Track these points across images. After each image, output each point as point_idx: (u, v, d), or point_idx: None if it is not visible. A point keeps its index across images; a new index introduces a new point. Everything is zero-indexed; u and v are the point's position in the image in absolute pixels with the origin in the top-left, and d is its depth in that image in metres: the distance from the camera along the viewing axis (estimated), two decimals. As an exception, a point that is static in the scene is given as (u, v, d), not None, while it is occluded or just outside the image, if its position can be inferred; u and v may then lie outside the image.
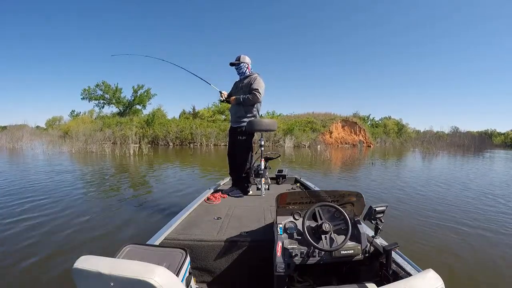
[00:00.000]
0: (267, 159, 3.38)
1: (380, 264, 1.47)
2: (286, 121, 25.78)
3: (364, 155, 16.03)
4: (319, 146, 21.76)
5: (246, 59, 3.08)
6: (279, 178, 3.75)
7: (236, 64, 3.06)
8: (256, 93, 2.91)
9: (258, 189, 3.14)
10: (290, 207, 1.66)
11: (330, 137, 25.10)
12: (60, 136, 22.98)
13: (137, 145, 19.50)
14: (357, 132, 26.35)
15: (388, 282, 1.11)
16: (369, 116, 34.00)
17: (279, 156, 3.77)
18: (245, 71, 3.08)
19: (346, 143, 25.37)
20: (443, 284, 0.95)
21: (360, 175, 8.68)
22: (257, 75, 3.06)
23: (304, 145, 21.78)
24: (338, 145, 24.36)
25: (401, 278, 1.32)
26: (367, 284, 1.22)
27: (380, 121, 34.00)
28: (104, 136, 20.70)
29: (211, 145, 22.31)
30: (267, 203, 2.59)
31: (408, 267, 1.37)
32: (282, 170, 3.86)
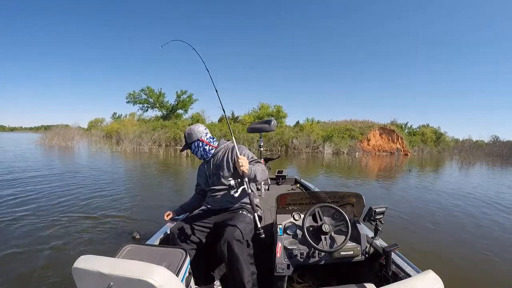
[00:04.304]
0: (266, 160, 3.38)
1: (380, 265, 1.46)
2: (325, 128, 25.71)
3: (401, 163, 15.76)
4: (357, 154, 21.83)
5: (197, 131, 1.84)
6: (279, 179, 3.74)
7: (191, 147, 1.88)
8: (261, 163, 1.80)
9: (258, 189, 3.14)
10: (290, 207, 1.65)
11: (368, 144, 24.80)
12: (103, 137, 24.20)
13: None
14: (395, 140, 25.89)
15: (388, 283, 1.11)
16: (406, 124, 32.77)
17: (279, 157, 3.75)
18: (207, 149, 1.86)
19: (383, 151, 24.97)
20: (443, 285, 0.95)
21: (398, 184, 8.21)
22: (231, 143, 1.86)
23: (343, 152, 21.86)
24: (375, 153, 24.08)
25: (401, 279, 1.32)
26: (366, 285, 1.21)
27: (417, 129, 32.61)
28: (152, 138, 21.39)
29: (253, 149, 22.48)
30: (267, 204, 2.58)
31: (407, 268, 1.37)
32: (282, 170, 3.86)
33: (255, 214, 1.53)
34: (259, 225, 1.46)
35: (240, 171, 1.56)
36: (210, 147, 1.88)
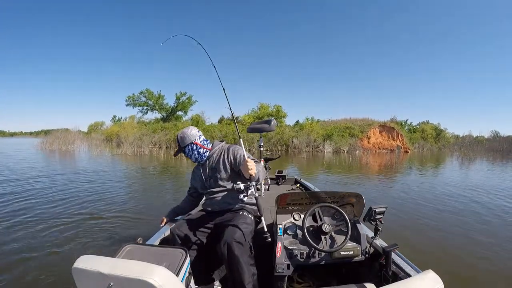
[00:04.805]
0: (267, 160, 3.38)
1: (380, 265, 1.46)
2: (325, 127, 25.76)
3: (401, 160, 15.83)
4: (357, 152, 21.87)
5: (190, 134, 1.81)
6: (279, 179, 3.74)
7: (184, 151, 1.85)
8: (258, 162, 1.73)
9: (258, 189, 3.13)
10: (290, 207, 1.66)
11: (368, 142, 24.83)
12: (104, 140, 24.39)
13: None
14: (395, 137, 25.88)
15: (388, 283, 1.11)
16: (406, 121, 32.75)
17: (279, 157, 3.75)
18: (201, 151, 1.83)
19: (384, 149, 24.98)
20: (443, 285, 0.94)
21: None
22: (227, 144, 1.93)
23: (343, 150, 21.93)
24: (376, 151, 24.13)
25: (401, 279, 1.32)
26: (366, 285, 1.22)
27: (417, 126, 32.67)
28: (152, 140, 21.47)
29: (253, 149, 22.54)
30: (267, 204, 2.58)
31: (407, 268, 1.37)
32: (282, 170, 3.86)
33: (262, 218, 1.53)
34: (265, 229, 1.46)
35: (247, 175, 1.54)
36: (204, 150, 1.85)
